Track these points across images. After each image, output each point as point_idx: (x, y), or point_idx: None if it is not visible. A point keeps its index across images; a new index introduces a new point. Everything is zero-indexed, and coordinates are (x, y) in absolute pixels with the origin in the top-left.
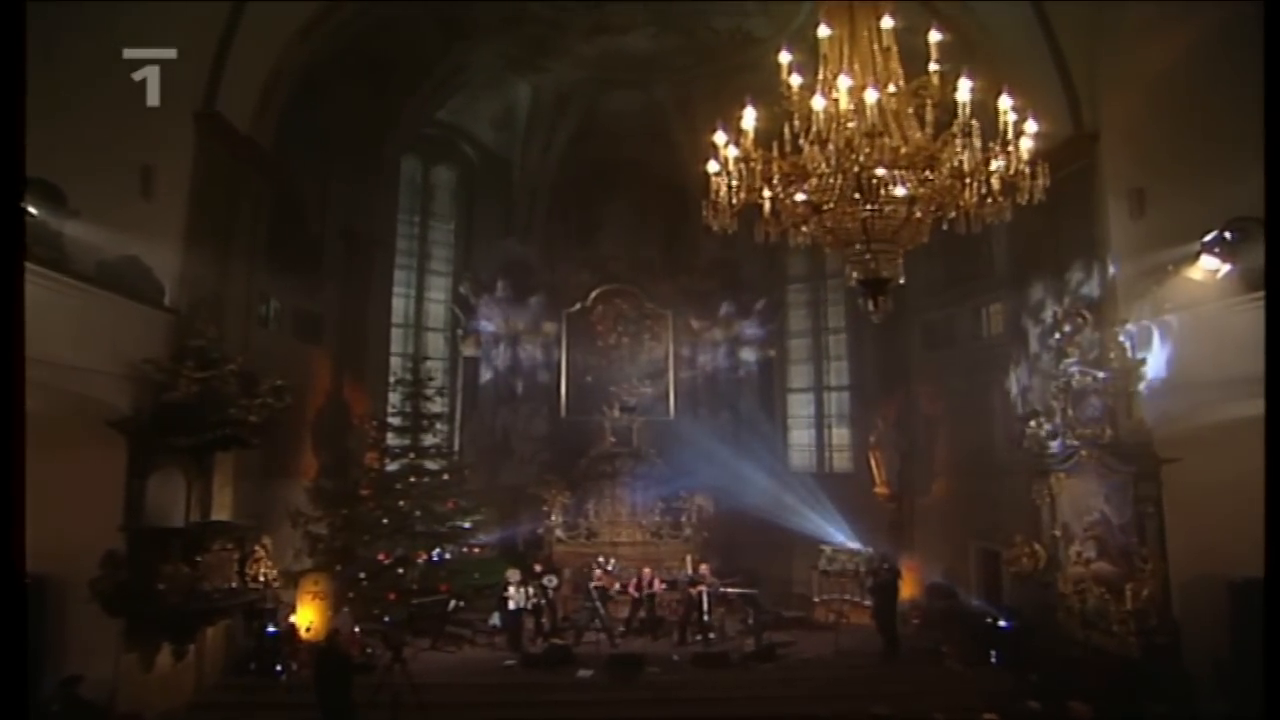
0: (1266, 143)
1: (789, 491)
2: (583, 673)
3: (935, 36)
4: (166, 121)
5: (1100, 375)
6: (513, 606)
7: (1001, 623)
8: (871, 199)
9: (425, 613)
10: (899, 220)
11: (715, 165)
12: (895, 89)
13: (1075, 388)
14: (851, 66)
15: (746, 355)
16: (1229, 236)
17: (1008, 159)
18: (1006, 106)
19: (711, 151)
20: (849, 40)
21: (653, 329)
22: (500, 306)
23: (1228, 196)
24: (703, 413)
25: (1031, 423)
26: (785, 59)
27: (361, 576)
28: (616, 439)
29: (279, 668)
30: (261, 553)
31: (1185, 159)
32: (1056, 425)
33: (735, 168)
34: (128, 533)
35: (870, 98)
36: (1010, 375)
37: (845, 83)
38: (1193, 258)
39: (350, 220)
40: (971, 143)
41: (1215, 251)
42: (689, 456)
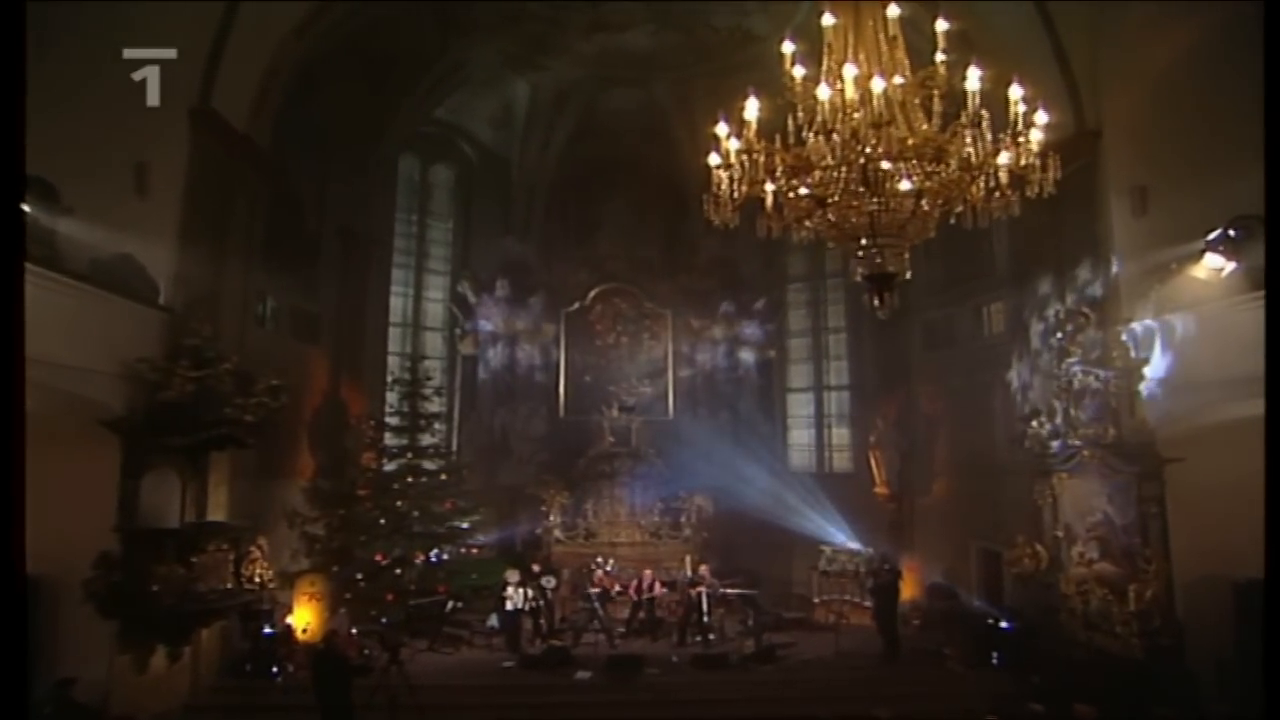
0: (1266, 143)
1: (789, 491)
2: (581, 674)
3: (942, 25)
4: (161, 118)
5: (1103, 375)
6: (511, 608)
7: (1003, 624)
8: (878, 192)
9: (423, 614)
10: (905, 214)
11: (716, 158)
12: (901, 80)
13: (1077, 387)
14: (856, 56)
15: (746, 355)
16: (1233, 234)
17: (1017, 150)
18: (1017, 96)
19: (713, 144)
20: (853, 30)
21: (652, 328)
22: (499, 306)
23: (1231, 194)
24: (702, 412)
25: (1033, 422)
26: (788, 49)
27: (359, 577)
28: (615, 439)
29: (275, 669)
30: (257, 553)
31: (1188, 156)
32: (1058, 425)
33: (737, 160)
34: (121, 533)
35: (877, 86)
36: (1011, 374)
37: (851, 71)
38: (1196, 256)
39: (348, 219)
40: (981, 133)
41: (1219, 249)
42: (688, 456)
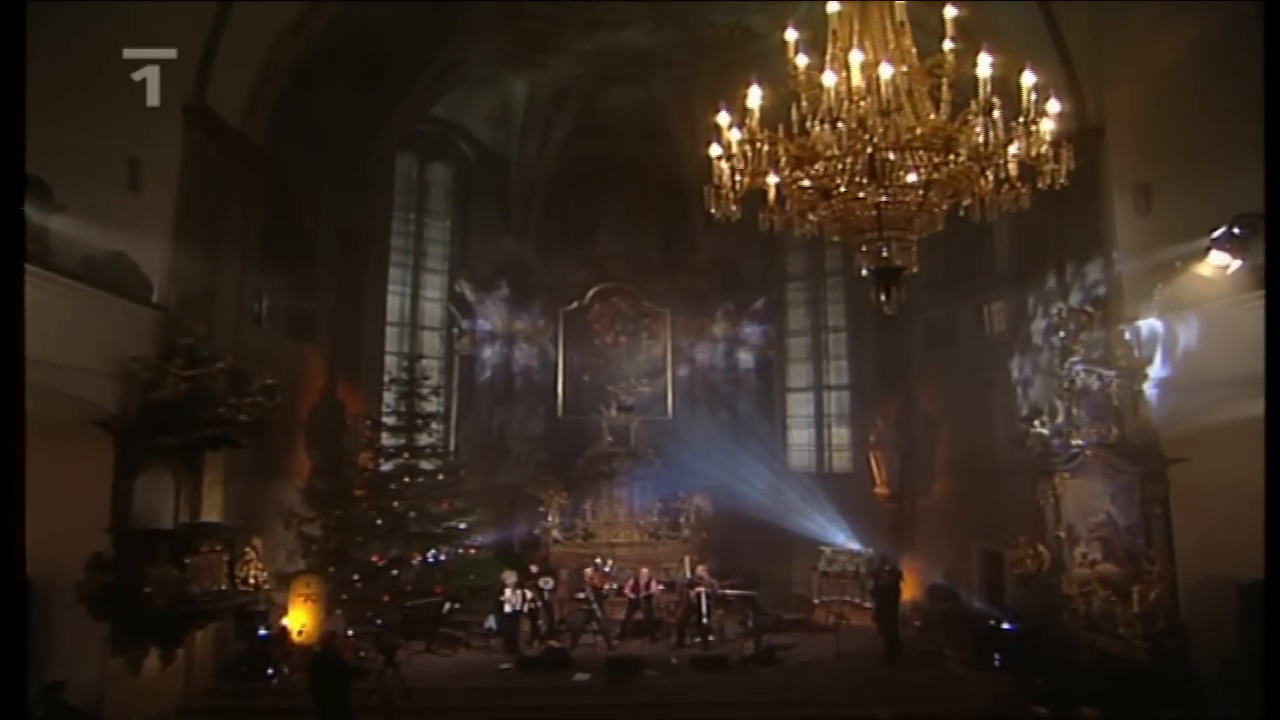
0: (1266, 143)
1: (788, 492)
2: (580, 676)
3: (951, 12)
4: (155, 115)
5: (1105, 374)
6: (509, 610)
7: (1005, 625)
8: (884, 183)
9: (420, 615)
10: (912, 206)
11: (717, 149)
12: (908, 68)
13: (1080, 386)
14: (862, 44)
15: (745, 354)
16: (1237, 232)
17: (1028, 140)
18: (1030, 84)
19: (714, 134)
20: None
21: (651, 328)
22: (497, 305)
23: (1235, 192)
24: (701, 412)
25: (1035, 422)
26: (791, 36)
27: (355, 578)
28: (614, 439)
29: (270, 672)
30: (252, 554)
31: (1192, 154)
32: (1060, 425)
33: (739, 150)
34: (114, 534)
35: (885, 72)
36: (1013, 374)
37: (858, 58)
38: (1201, 254)
39: (345, 217)
40: (993, 121)
41: (1225, 247)
42: (687, 456)
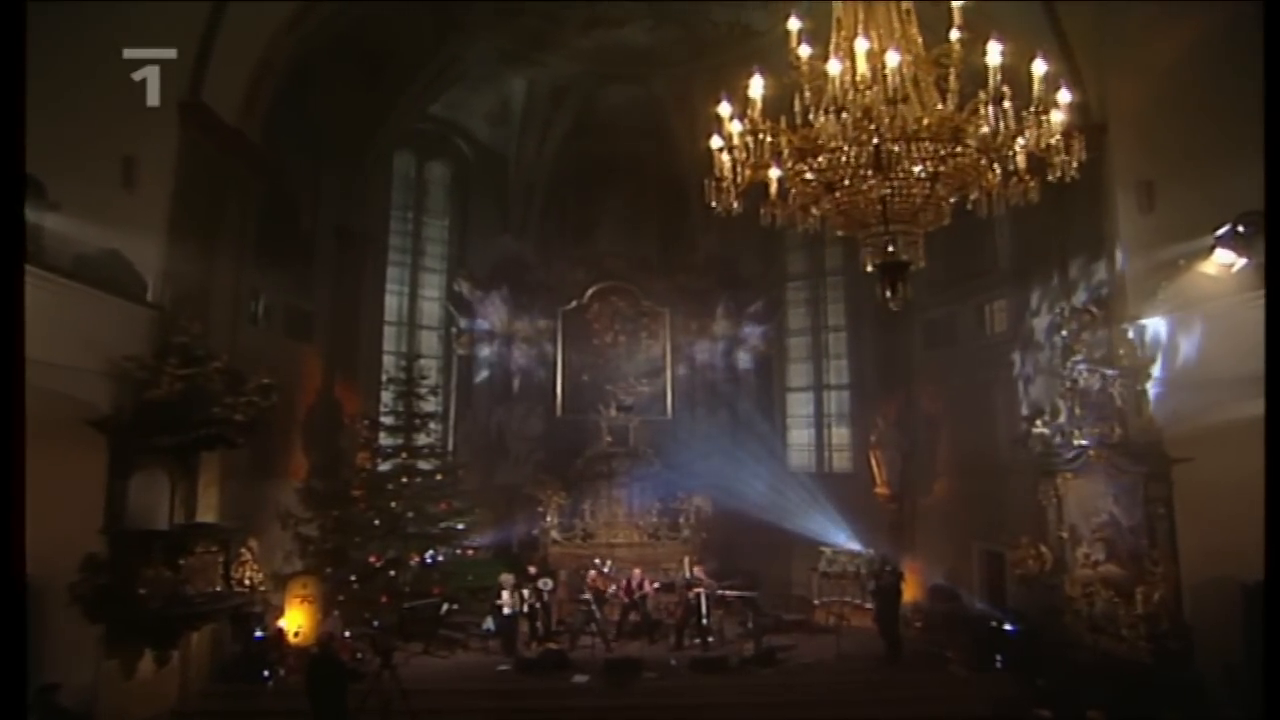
0: (1266, 143)
1: (788, 492)
2: (578, 678)
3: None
4: (149, 112)
5: (1108, 373)
6: (507, 612)
7: (1007, 626)
8: (890, 175)
9: (417, 616)
10: (919, 199)
11: (718, 141)
12: (914, 58)
13: (1082, 386)
14: (868, 33)
15: (745, 354)
16: (1241, 230)
17: (1039, 131)
18: (1040, 72)
19: (715, 125)
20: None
21: (650, 327)
22: (495, 304)
23: (1239, 189)
24: (701, 412)
25: (1037, 422)
26: (795, 25)
27: (353, 579)
28: (613, 439)
29: (266, 673)
30: (248, 555)
31: (1196, 151)
32: (1063, 424)
33: (741, 142)
34: (108, 535)
35: (892, 60)
36: (1014, 373)
37: (863, 45)
38: (1206, 251)
39: (342, 216)
40: (1003, 111)
41: (1229, 245)
42: (687, 456)
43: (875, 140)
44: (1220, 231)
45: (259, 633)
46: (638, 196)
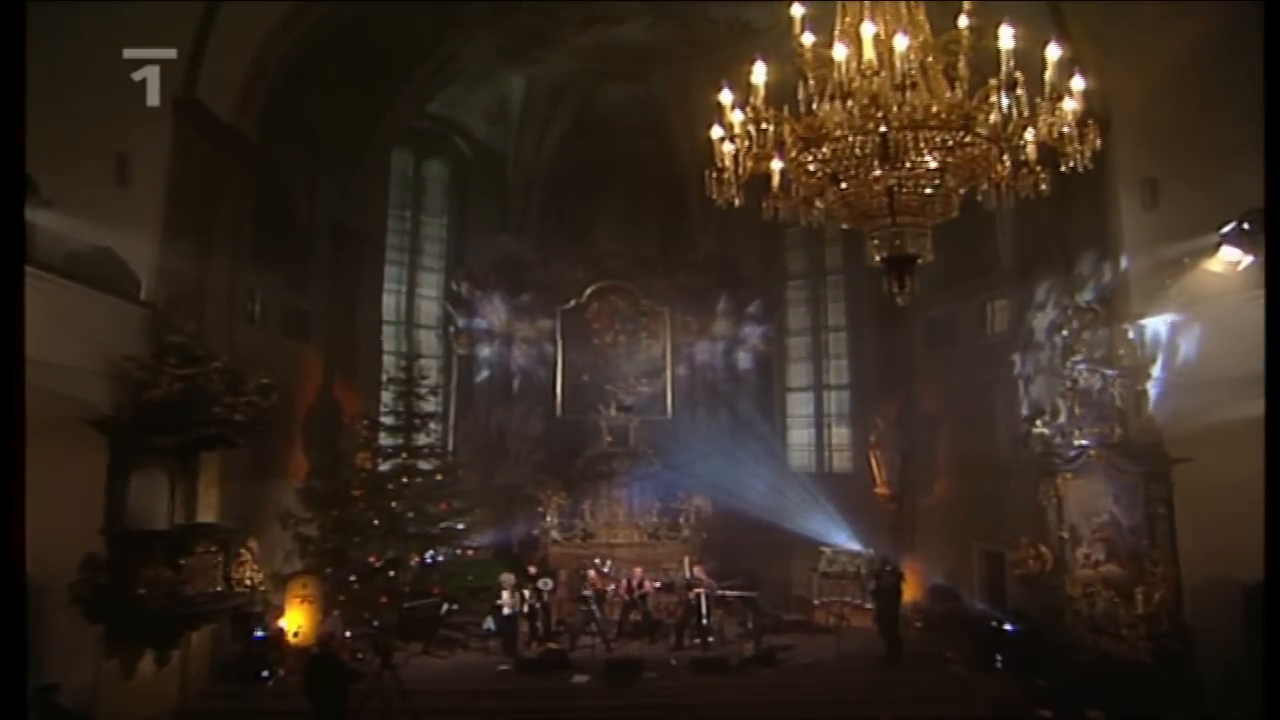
0: (1266, 144)
1: (788, 492)
2: (579, 678)
3: None
4: (143, 109)
5: (1109, 373)
6: (507, 612)
7: (1007, 626)
8: (898, 165)
9: (417, 616)
10: (927, 190)
11: (719, 130)
12: (923, 43)
13: (1083, 386)
14: (874, 18)
15: (745, 353)
16: (1247, 227)
17: (1052, 118)
18: (1054, 57)
19: (716, 114)
20: None
21: (650, 326)
22: (494, 303)
23: (1244, 187)
24: (701, 412)
25: (1037, 422)
26: (798, 12)
27: (353, 579)
28: (613, 438)
29: (266, 673)
30: (247, 555)
31: (1201, 149)
32: (1063, 424)
33: (743, 131)
34: (108, 535)
35: (900, 44)
36: (1015, 373)
37: (870, 30)
38: (1211, 249)
39: (340, 214)
40: (1016, 97)
41: (1236, 242)
42: (687, 456)
43: (883, 128)
44: (1226, 229)
45: (259, 633)
46: (637, 195)
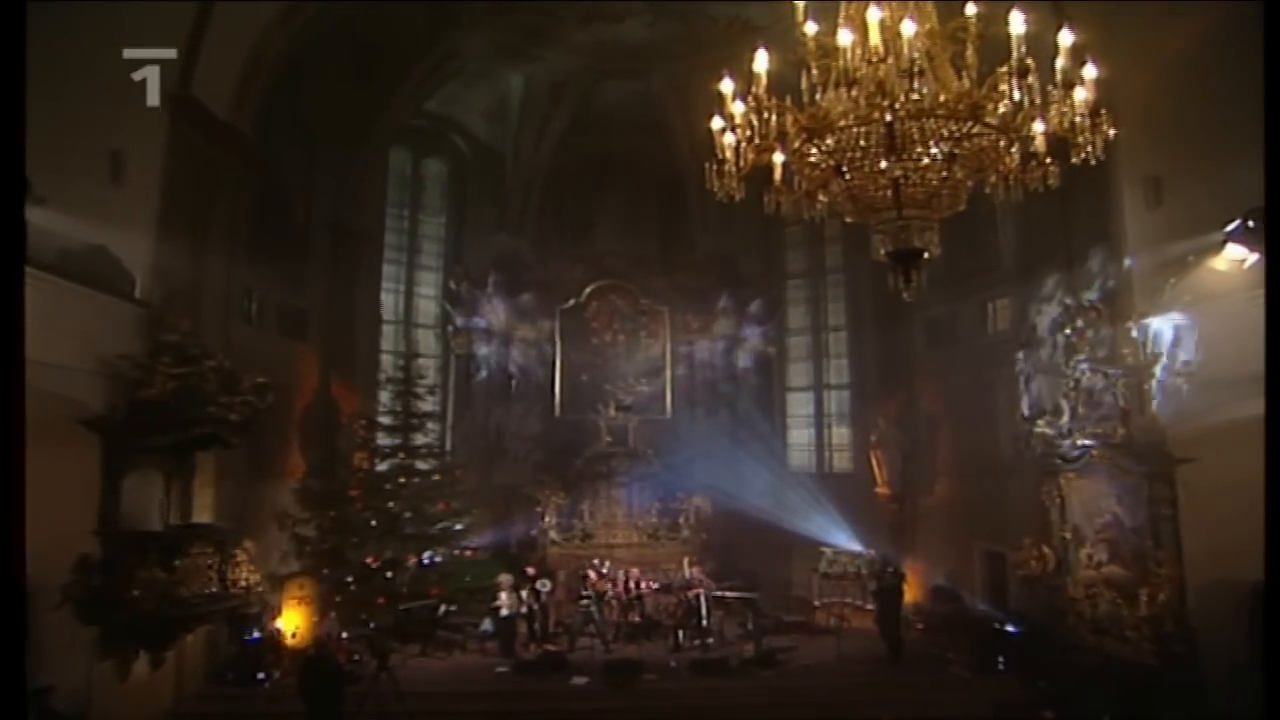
0: (1266, 143)
1: (788, 492)
2: (577, 679)
3: None
4: (138, 105)
5: (1112, 372)
6: (505, 613)
7: (1009, 628)
8: (904, 156)
9: (415, 618)
10: (934, 182)
11: (719, 121)
12: (928, 31)
13: (1086, 385)
14: (880, 3)
15: (745, 353)
16: (1252, 225)
17: (1065, 106)
18: (1067, 43)
19: (717, 104)
20: None
21: (649, 326)
22: (493, 302)
23: (1249, 185)
24: (700, 412)
25: (1039, 421)
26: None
27: (349, 580)
28: (612, 438)
29: (262, 675)
30: (243, 556)
31: (1205, 146)
32: (1066, 424)
33: (744, 121)
34: (101, 536)
35: (907, 29)
36: (1017, 372)
37: (876, 14)
38: (1216, 247)
39: (337, 212)
40: (1027, 85)
41: (1241, 240)
42: (686, 456)
43: (888, 117)
44: (1231, 227)
45: (255, 634)
46: (636, 193)
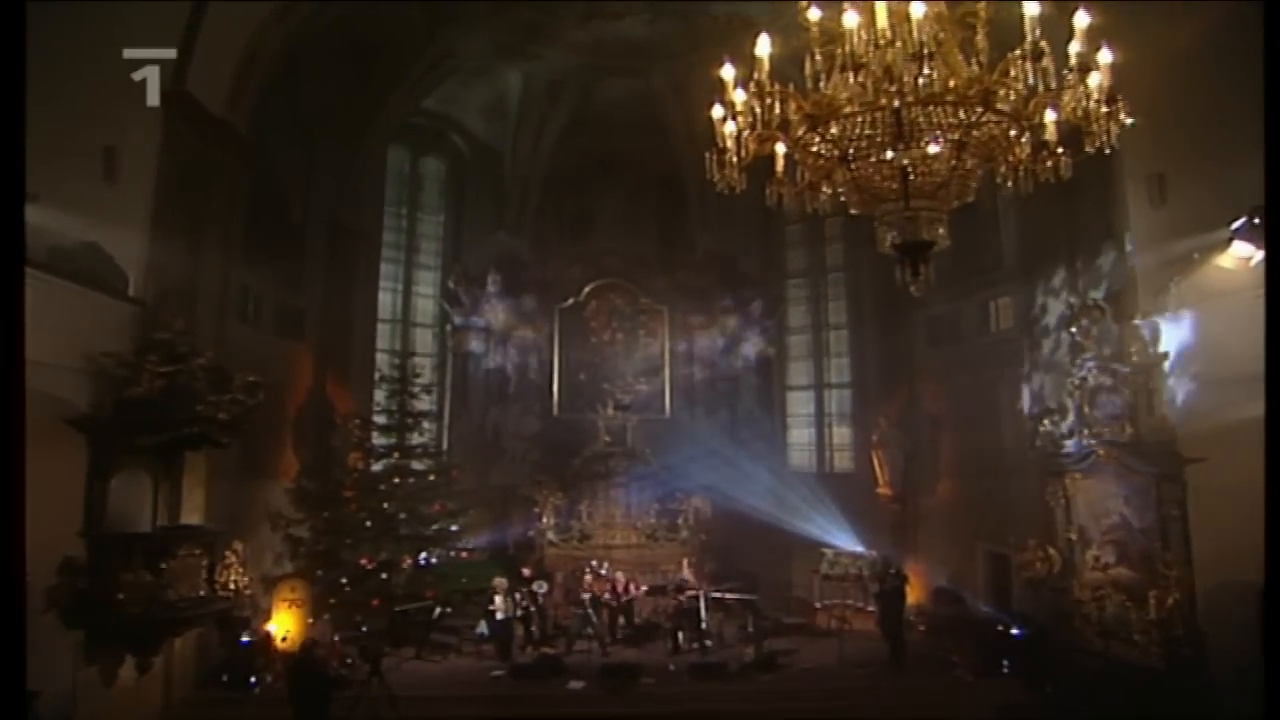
0: (1267, 143)
1: (789, 492)
2: (574, 684)
3: None
4: (132, 102)
5: (1120, 370)
6: (501, 616)
7: (1013, 630)
8: (912, 144)
9: (409, 620)
10: (943, 171)
11: (720, 110)
12: (937, 16)
13: (1092, 384)
14: None
15: (745, 352)
16: (1258, 222)
17: (1080, 91)
18: (1083, 25)
19: (718, 91)
20: None
21: (648, 325)
22: (491, 301)
23: (1255, 182)
24: (700, 411)
25: (1044, 421)
26: None
27: (344, 582)
28: (611, 438)
29: (253, 680)
30: (233, 558)
31: (1209, 143)
32: (1071, 423)
33: (745, 109)
34: (87, 538)
35: (917, 10)
36: (1021, 371)
37: None
38: (1223, 245)
39: (334, 211)
40: (1042, 69)
41: (1247, 237)
42: (685, 456)
43: (896, 103)
44: (1237, 224)
45: (246, 638)
46: (636, 192)
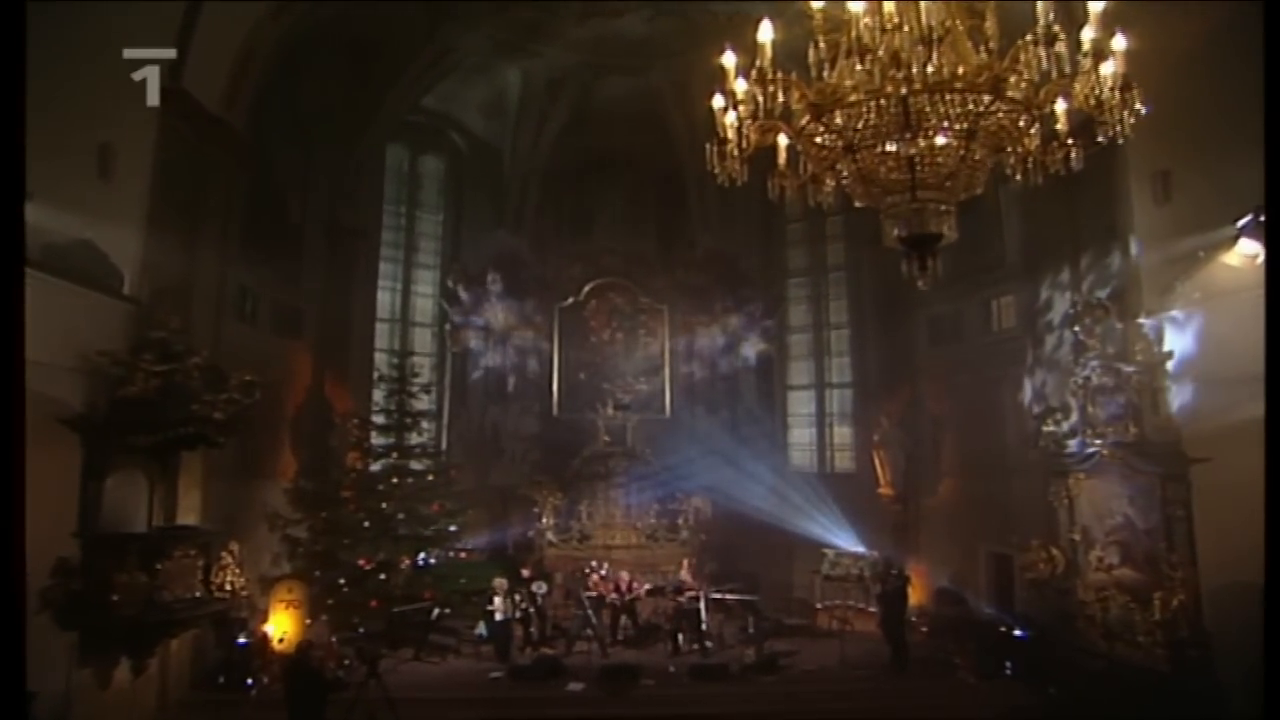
0: (1267, 144)
1: (789, 492)
2: (574, 685)
3: None
4: (128, 99)
5: (1124, 369)
6: (500, 617)
7: (1016, 632)
8: (919, 134)
9: (407, 621)
10: (951, 162)
11: (721, 99)
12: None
13: (1095, 383)
14: None
15: (745, 351)
16: (1263, 220)
17: (1093, 79)
18: (1097, 10)
19: (719, 80)
20: None
21: (648, 324)
22: (490, 301)
23: (1259, 180)
24: (700, 411)
25: (1047, 420)
26: None
27: (342, 582)
28: (611, 438)
29: (250, 681)
30: (229, 559)
31: (1215, 140)
32: (1075, 423)
33: (747, 98)
34: (82, 539)
35: None
36: (1023, 371)
37: None
38: (1228, 242)
39: (333, 209)
40: (1055, 55)
41: (1254, 235)
42: (686, 456)
43: (903, 90)
44: (1243, 221)
45: (242, 639)
46: (636, 190)
